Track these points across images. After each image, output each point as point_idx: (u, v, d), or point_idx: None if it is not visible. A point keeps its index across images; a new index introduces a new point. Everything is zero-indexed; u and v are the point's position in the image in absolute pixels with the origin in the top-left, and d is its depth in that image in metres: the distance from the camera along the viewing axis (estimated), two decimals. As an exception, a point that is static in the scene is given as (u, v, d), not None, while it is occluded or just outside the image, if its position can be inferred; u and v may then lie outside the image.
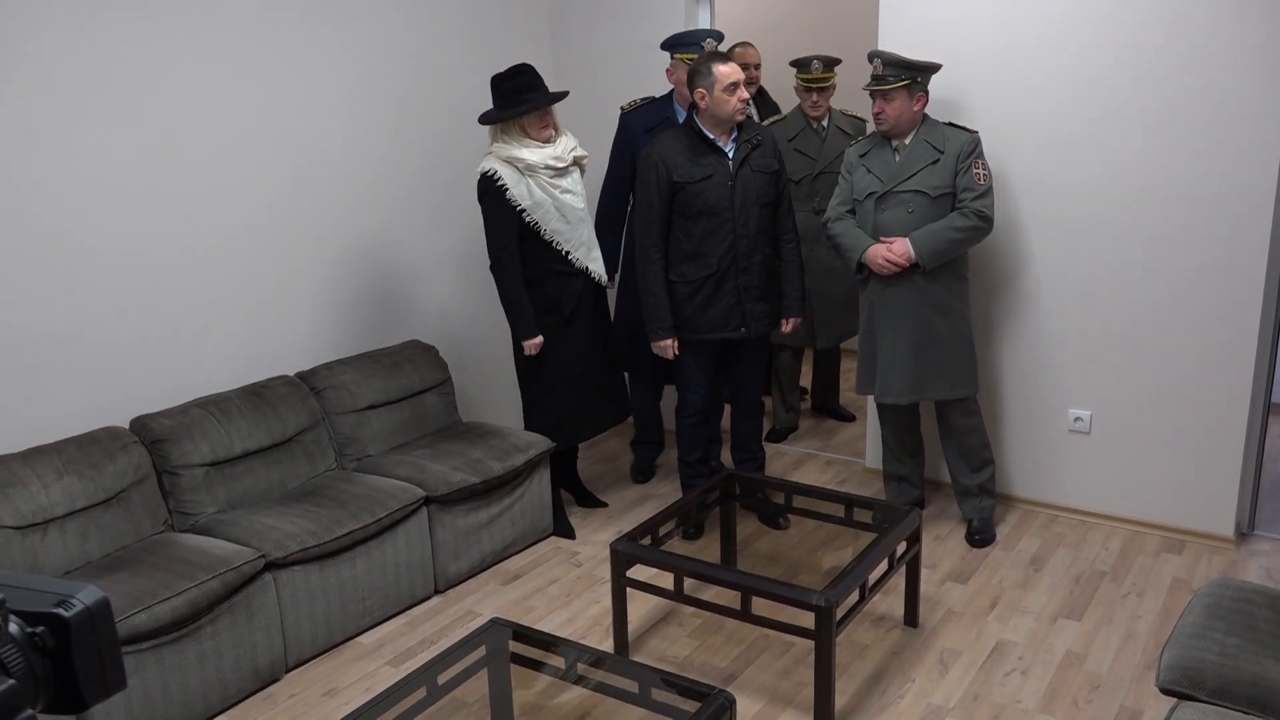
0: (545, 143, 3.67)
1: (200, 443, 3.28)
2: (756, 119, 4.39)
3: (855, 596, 2.87)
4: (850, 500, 3.40)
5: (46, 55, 3.05)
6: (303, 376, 3.75)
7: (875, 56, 3.59)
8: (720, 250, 3.64)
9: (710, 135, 3.61)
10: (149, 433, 3.23)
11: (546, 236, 3.69)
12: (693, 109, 3.67)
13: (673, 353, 3.76)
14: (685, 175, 3.59)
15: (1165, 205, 3.62)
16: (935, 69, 3.61)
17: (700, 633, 3.32)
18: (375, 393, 3.83)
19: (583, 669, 2.56)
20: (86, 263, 3.21)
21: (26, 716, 0.86)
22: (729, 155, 3.63)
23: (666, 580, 3.05)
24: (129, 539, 3.07)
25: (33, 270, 3.08)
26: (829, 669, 2.71)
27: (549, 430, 3.94)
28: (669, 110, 4.10)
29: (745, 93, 3.61)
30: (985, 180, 3.55)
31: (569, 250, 3.74)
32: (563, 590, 3.64)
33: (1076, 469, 4.00)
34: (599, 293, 3.94)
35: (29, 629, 0.87)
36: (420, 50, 4.28)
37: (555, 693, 2.96)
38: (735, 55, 4.62)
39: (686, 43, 3.96)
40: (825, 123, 4.53)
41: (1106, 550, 3.77)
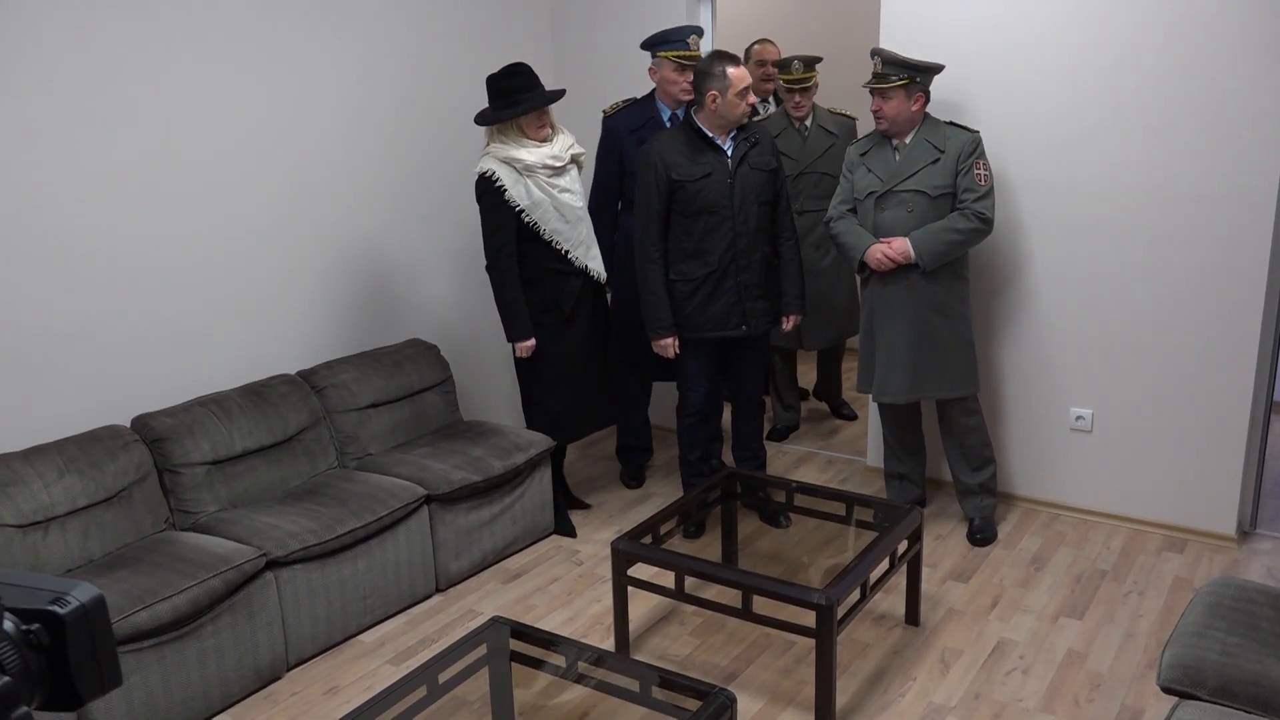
0: (543, 142, 3.67)
1: (201, 441, 3.28)
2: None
3: (856, 595, 2.87)
4: (851, 499, 3.40)
5: (46, 55, 3.06)
6: (304, 375, 3.75)
7: (876, 54, 3.59)
8: (720, 248, 3.64)
9: (710, 134, 3.61)
10: (150, 431, 3.23)
11: (546, 236, 3.68)
12: (690, 107, 3.67)
13: (673, 351, 3.76)
14: (685, 174, 3.59)
15: (1166, 205, 3.62)
16: (937, 70, 3.61)
17: (701, 631, 3.32)
18: (376, 391, 3.83)
19: (583, 668, 2.56)
20: (87, 262, 3.21)
21: (22, 714, 0.86)
22: (728, 153, 3.63)
23: (667, 579, 3.05)
24: (130, 537, 3.07)
25: (34, 269, 3.08)
26: (830, 668, 2.71)
27: (548, 429, 3.95)
28: (653, 110, 4.08)
29: (754, 96, 3.61)
30: (986, 181, 3.55)
31: (568, 249, 3.74)
32: (564, 589, 3.64)
33: (1078, 468, 4.00)
34: (598, 291, 3.93)
35: (24, 626, 0.87)
36: (420, 50, 4.28)
37: (556, 691, 2.96)
38: (755, 52, 4.61)
39: (671, 40, 3.93)
40: (808, 122, 4.51)
41: (1108, 549, 3.77)
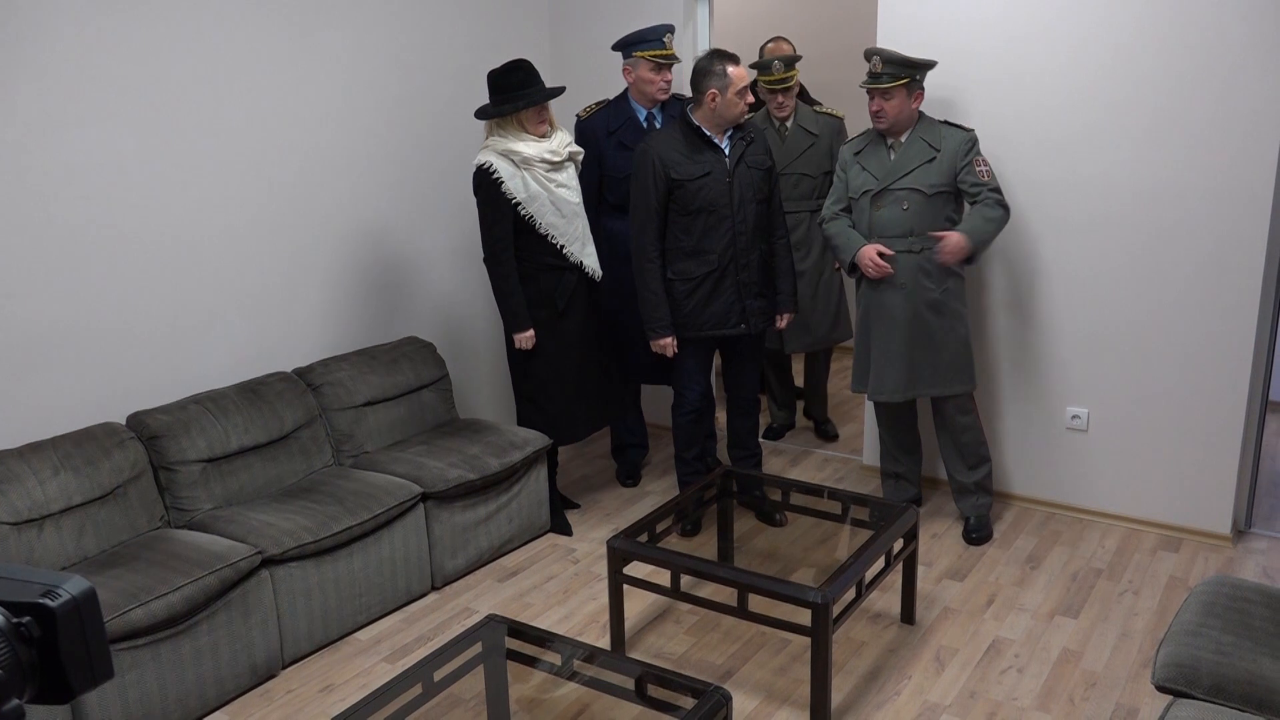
0: (541, 137, 3.67)
1: (197, 439, 3.28)
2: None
3: (852, 593, 2.87)
4: (847, 498, 3.40)
5: (41, 51, 3.05)
6: (300, 373, 3.75)
7: (874, 54, 3.58)
8: (720, 247, 3.64)
9: (708, 132, 3.61)
10: (146, 429, 3.23)
11: (541, 230, 3.69)
12: (688, 105, 3.66)
13: (672, 351, 3.76)
14: (683, 172, 3.59)
15: (1162, 204, 3.62)
16: (931, 65, 3.61)
17: (697, 629, 3.32)
18: (372, 389, 3.83)
19: (579, 665, 2.56)
20: (83, 259, 3.20)
21: (13, 707, 0.86)
22: (726, 152, 3.63)
23: (663, 577, 3.05)
24: (125, 535, 3.07)
25: (29, 266, 3.07)
26: (825, 666, 2.71)
27: (543, 429, 3.94)
28: (628, 110, 4.06)
29: (751, 96, 3.62)
30: (990, 177, 3.55)
31: (563, 244, 3.74)
32: (560, 587, 3.64)
33: (1074, 467, 4.00)
34: (593, 288, 3.93)
35: (15, 619, 0.87)
36: (417, 50, 4.27)
37: (551, 689, 2.96)
38: (768, 51, 4.60)
39: (648, 40, 3.92)
40: (788, 123, 4.43)
41: (1103, 548, 3.77)
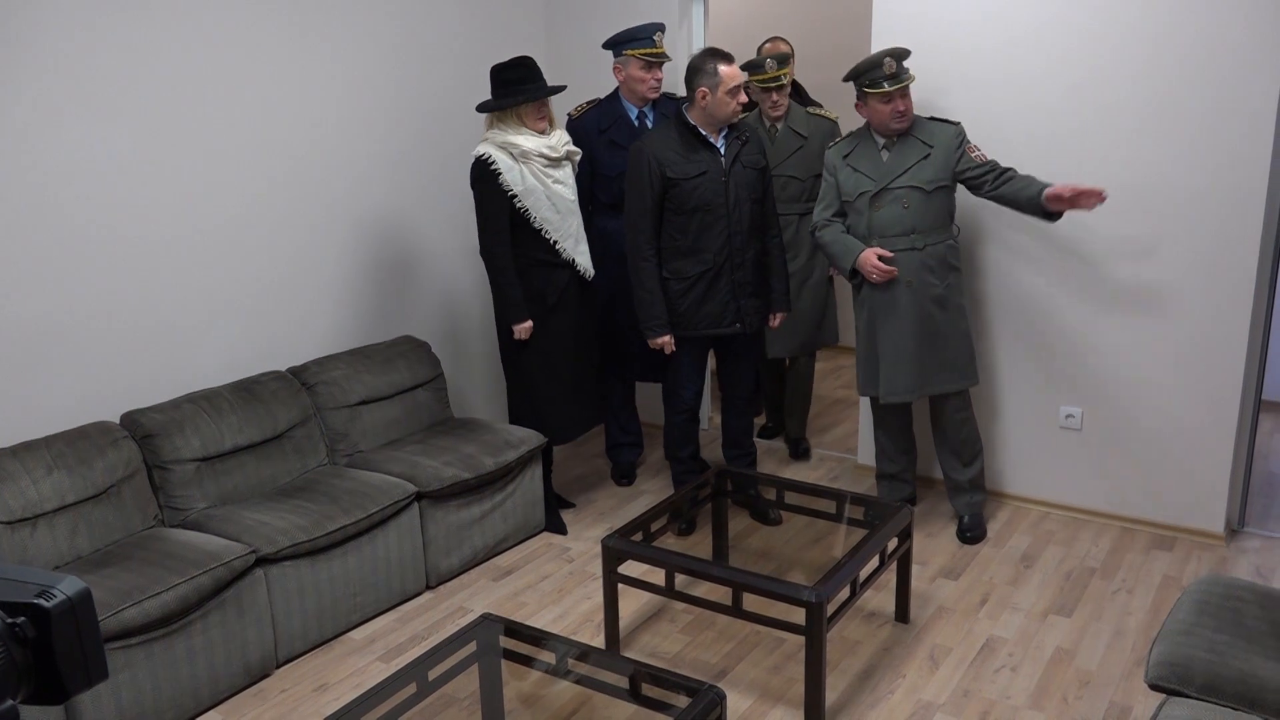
0: (540, 134, 3.68)
1: (191, 438, 3.27)
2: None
3: (846, 592, 2.88)
4: (841, 496, 3.41)
5: (35, 49, 3.04)
6: (294, 372, 3.74)
7: (888, 56, 3.51)
8: (715, 246, 3.64)
9: (703, 131, 3.61)
10: (139, 427, 3.22)
11: (536, 224, 3.69)
12: (684, 104, 3.66)
13: (670, 350, 3.76)
14: (679, 172, 3.59)
15: (1156, 203, 3.63)
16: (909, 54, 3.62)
17: (691, 628, 3.32)
18: (367, 388, 3.82)
19: (574, 665, 2.56)
20: (76, 258, 3.19)
21: (7, 708, 0.86)
22: (721, 151, 3.63)
23: (658, 576, 3.05)
24: (119, 534, 3.06)
25: (23, 265, 3.06)
26: (820, 665, 2.72)
27: (536, 427, 3.94)
28: (620, 109, 4.07)
29: (745, 95, 3.60)
30: (985, 157, 3.58)
31: (557, 240, 3.74)
32: (554, 586, 3.64)
33: (1068, 466, 4.01)
34: (585, 287, 3.93)
35: (10, 619, 0.87)
36: (414, 47, 4.27)
37: (546, 688, 2.96)
38: (766, 50, 4.59)
39: (638, 38, 3.92)
40: (779, 124, 4.28)
41: (1097, 547, 3.78)
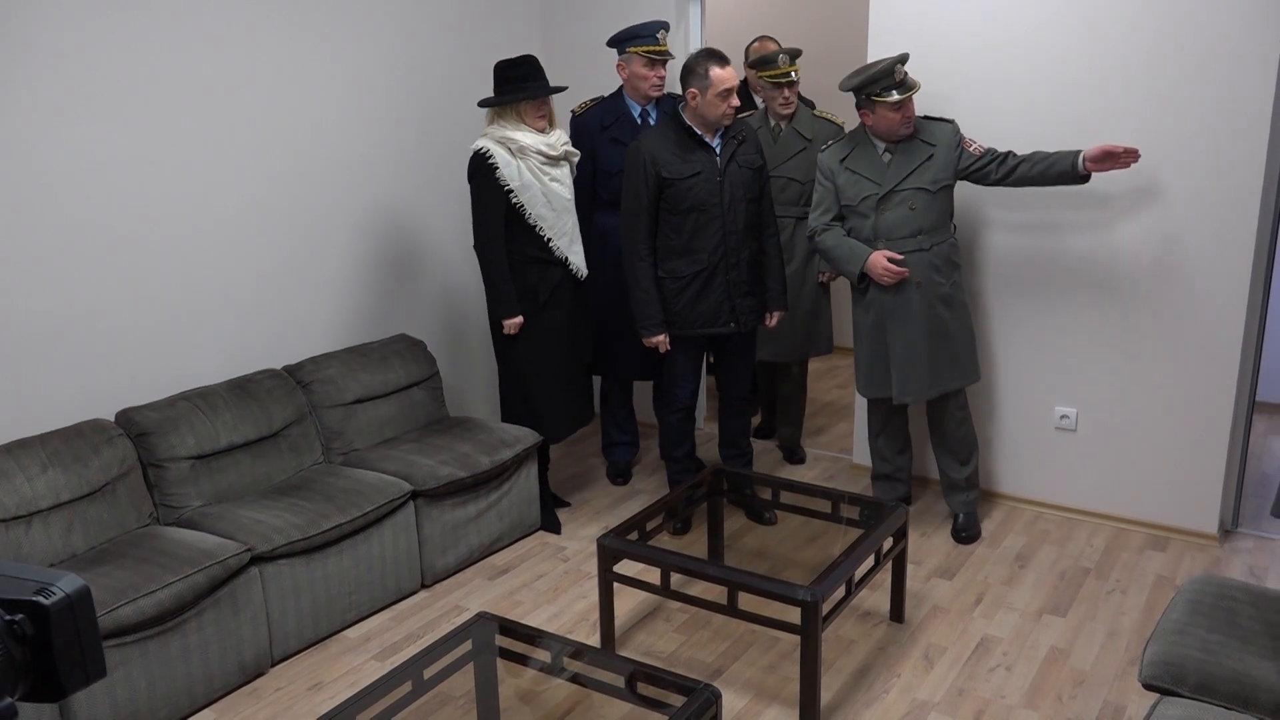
0: (539, 132, 3.68)
1: (186, 436, 3.27)
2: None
3: (841, 592, 2.88)
4: (837, 496, 3.41)
5: (33, 48, 3.03)
6: (289, 370, 3.74)
7: (899, 63, 3.49)
8: (710, 246, 3.64)
9: (699, 131, 3.61)
10: (134, 425, 3.21)
11: (530, 221, 3.69)
12: (679, 105, 3.66)
13: (665, 348, 3.76)
14: (674, 171, 3.59)
15: (1151, 204, 3.64)
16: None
17: (687, 628, 3.32)
18: (363, 387, 3.82)
19: (569, 663, 2.56)
20: (72, 257, 3.19)
21: (5, 705, 0.85)
22: (717, 151, 3.63)
23: (653, 575, 3.05)
24: (114, 532, 3.06)
25: (18, 263, 3.06)
26: (815, 664, 2.72)
27: (528, 424, 3.93)
28: (623, 106, 4.08)
29: (736, 99, 3.57)
30: (982, 146, 3.59)
31: (551, 237, 3.74)
32: (550, 585, 3.64)
33: (1062, 466, 4.02)
34: (577, 286, 3.92)
35: (8, 616, 0.87)
36: (410, 47, 4.26)
37: (541, 687, 2.96)
38: (753, 50, 4.57)
39: (641, 36, 3.92)
40: (783, 124, 4.20)
41: (1091, 547, 3.79)
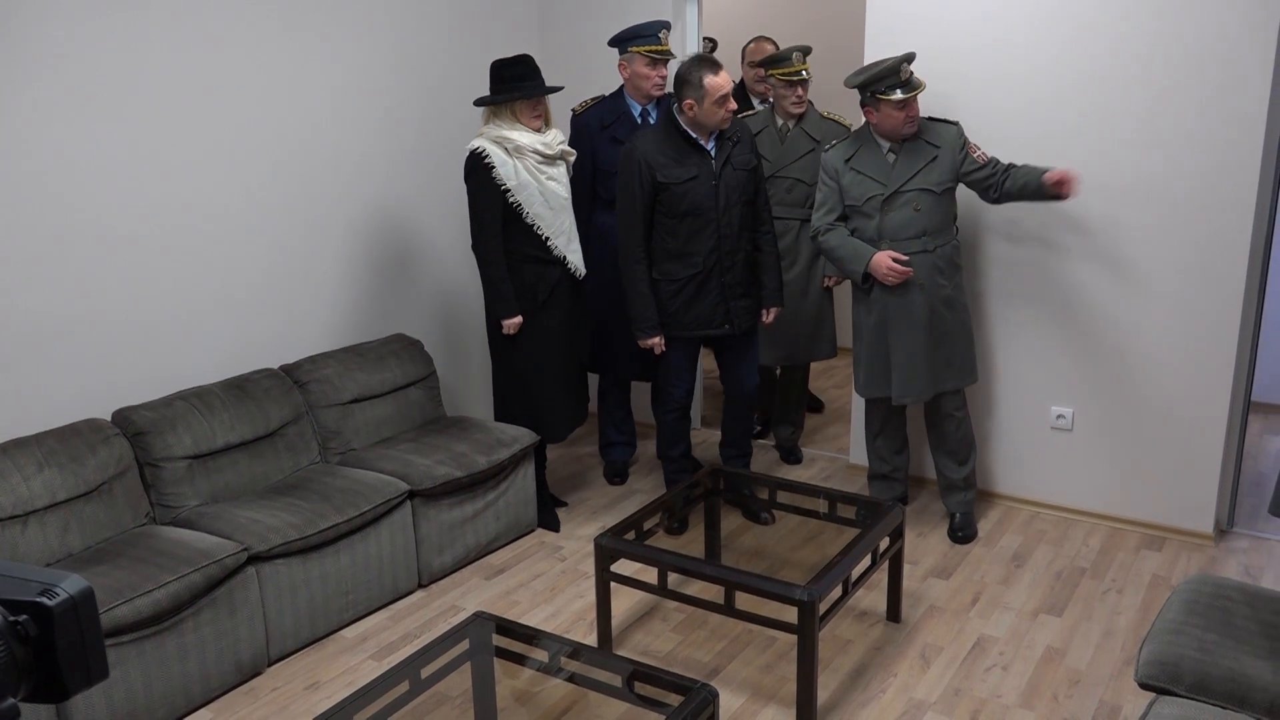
0: (535, 132, 3.68)
1: (183, 435, 3.26)
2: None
3: (838, 592, 2.88)
4: (833, 496, 3.41)
5: (32, 48, 3.03)
6: (286, 369, 3.73)
7: (905, 62, 3.48)
8: (705, 250, 3.64)
9: (694, 135, 3.59)
10: (131, 425, 3.21)
11: (528, 220, 3.68)
12: (675, 108, 3.61)
13: (660, 350, 3.76)
14: (669, 176, 3.57)
15: (1147, 205, 3.65)
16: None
17: (684, 627, 3.33)
18: (359, 386, 3.82)
19: (566, 663, 2.56)
20: (68, 255, 3.18)
21: (8, 706, 0.85)
22: (712, 154, 3.61)
23: (650, 575, 3.06)
24: (110, 532, 3.05)
25: (15, 262, 3.05)
26: (811, 664, 2.73)
27: (525, 424, 3.92)
28: (623, 106, 4.08)
29: (734, 103, 3.57)
30: (987, 155, 3.60)
31: (549, 236, 3.73)
32: (547, 585, 3.64)
33: (1058, 466, 4.03)
34: (576, 285, 3.92)
35: (11, 617, 0.86)
36: (407, 46, 4.26)
37: (538, 686, 2.97)
38: (750, 51, 4.56)
39: (643, 35, 3.92)
40: (790, 124, 4.21)
41: (1087, 547, 3.80)
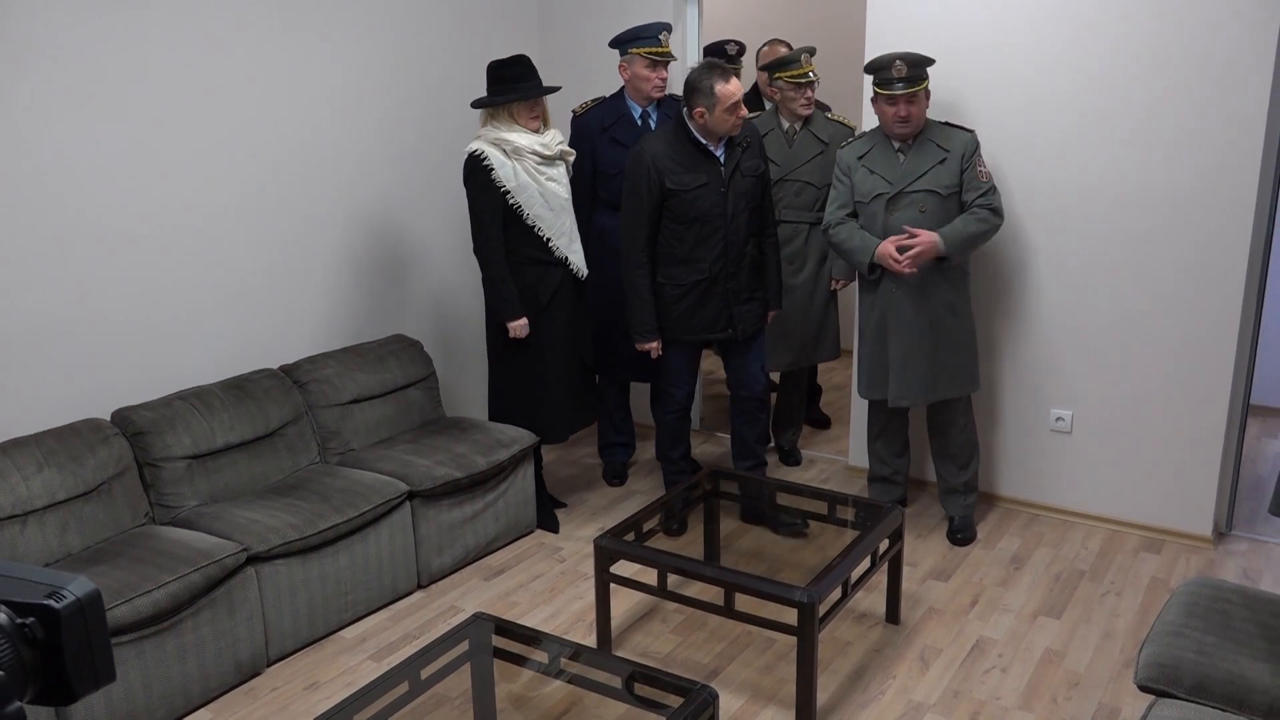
0: (533, 132, 3.67)
1: (182, 435, 3.26)
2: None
3: (838, 593, 2.88)
4: (833, 498, 3.42)
5: (30, 46, 3.02)
6: (286, 370, 3.73)
7: (896, 59, 3.49)
8: (711, 257, 3.62)
9: (703, 140, 3.56)
10: (130, 425, 3.21)
11: (529, 221, 3.68)
12: (685, 115, 3.57)
13: (656, 354, 3.76)
14: (678, 182, 3.55)
15: (1146, 207, 3.65)
16: (932, 63, 3.58)
17: (683, 628, 3.33)
18: (359, 387, 3.81)
19: (565, 664, 2.56)
20: (68, 255, 3.18)
21: (15, 709, 0.85)
22: (721, 161, 3.59)
23: (650, 576, 3.06)
24: (110, 532, 3.05)
25: (14, 261, 3.05)
26: (811, 665, 2.73)
27: (525, 426, 3.92)
28: (624, 107, 4.07)
29: (744, 110, 3.55)
30: (988, 179, 3.57)
31: (550, 237, 3.73)
32: (546, 585, 3.64)
33: (1057, 468, 4.03)
34: (578, 286, 3.91)
35: (19, 620, 0.86)
36: (407, 45, 4.26)
37: (538, 688, 2.96)
38: (764, 55, 4.53)
39: (643, 37, 3.92)
40: (797, 126, 4.19)
41: (1086, 549, 3.80)
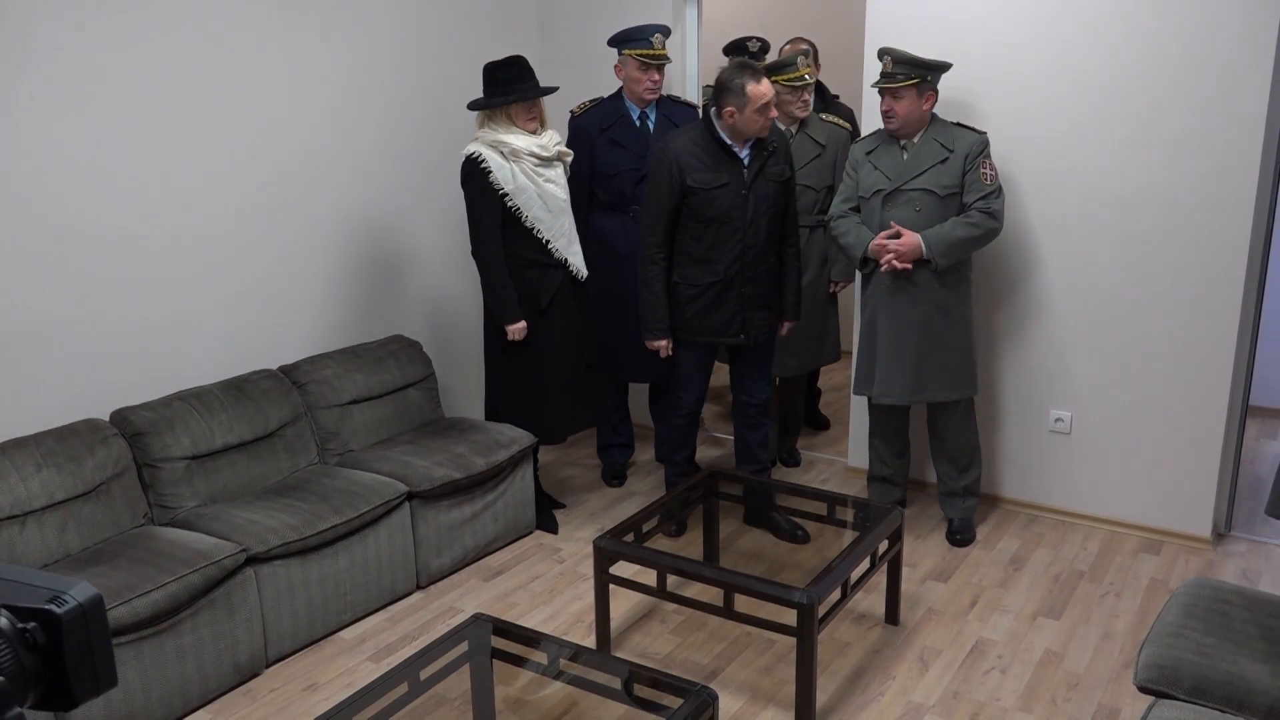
0: (531, 134, 3.67)
1: (181, 436, 3.26)
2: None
3: (837, 594, 2.88)
4: (833, 499, 3.42)
5: (30, 46, 3.02)
6: (285, 370, 3.73)
7: (885, 54, 3.53)
8: (728, 258, 3.60)
9: (728, 141, 3.54)
10: (129, 425, 3.20)
11: (528, 223, 3.67)
12: (713, 113, 3.53)
13: (666, 353, 3.74)
14: (700, 181, 3.53)
15: (1145, 207, 3.65)
16: (945, 68, 3.57)
17: (682, 629, 3.33)
18: (358, 387, 3.81)
19: (565, 665, 2.56)
20: (67, 255, 3.17)
21: (14, 715, 0.85)
22: (744, 163, 3.56)
23: (649, 577, 3.05)
24: (109, 532, 3.05)
25: (13, 261, 3.04)
26: (810, 666, 2.73)
27: (524, 427, 3.91)
28: (622, 108, 4.07)
29: (774, 111, 3.53)
30: (992, 181, 3.55)
31: (549, 239, 3.72)
32: (545, 586, 3.64)
33: (1057, 469, 4.03)
34: (578, 287, 3.91)
35: (20, 624, 0.86)
36: (406, 45, 4.26)
37: (537, 689, 2.96)
38: (785, 53, 4.50)
39: (634, 39, 3.93)
40: (794, 129, 4.16)
41: (1085, 550, 3.81)
